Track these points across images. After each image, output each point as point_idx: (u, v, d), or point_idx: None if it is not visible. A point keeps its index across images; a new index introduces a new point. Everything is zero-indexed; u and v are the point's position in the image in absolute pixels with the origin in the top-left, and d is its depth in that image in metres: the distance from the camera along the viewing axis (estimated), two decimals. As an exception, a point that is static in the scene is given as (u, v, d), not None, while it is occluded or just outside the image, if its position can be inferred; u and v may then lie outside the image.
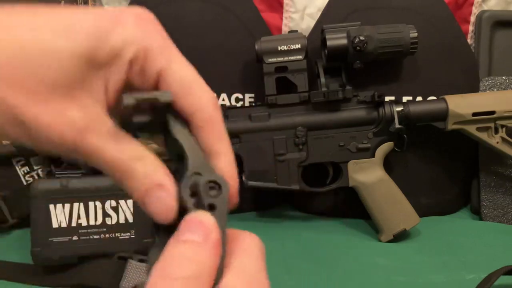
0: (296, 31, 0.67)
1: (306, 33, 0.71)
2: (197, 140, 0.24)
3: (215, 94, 0.24)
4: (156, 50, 0.23)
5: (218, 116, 0.24)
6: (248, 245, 0.23)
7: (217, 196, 0.21)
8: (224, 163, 0.24)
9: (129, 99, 0.21)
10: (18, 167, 0.69)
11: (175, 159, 0.24)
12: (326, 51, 0.65)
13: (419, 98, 0.72)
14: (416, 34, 0.65)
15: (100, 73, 0.23)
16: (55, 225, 0.56)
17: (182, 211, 0.22)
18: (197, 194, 0.22)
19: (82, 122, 0.22)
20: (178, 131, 0.23)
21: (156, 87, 0.24)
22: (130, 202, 0.57)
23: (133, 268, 0.53)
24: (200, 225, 0.21)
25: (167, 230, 0.22)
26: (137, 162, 0.22)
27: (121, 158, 0.22)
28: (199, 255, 0.20)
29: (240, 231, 0.23)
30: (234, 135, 0.65)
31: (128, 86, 0.24)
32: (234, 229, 0.23)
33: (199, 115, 0.24)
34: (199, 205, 0.21)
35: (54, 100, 0.21)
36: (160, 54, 0.23)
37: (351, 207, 0.72)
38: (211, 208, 0.21)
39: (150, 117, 0.22)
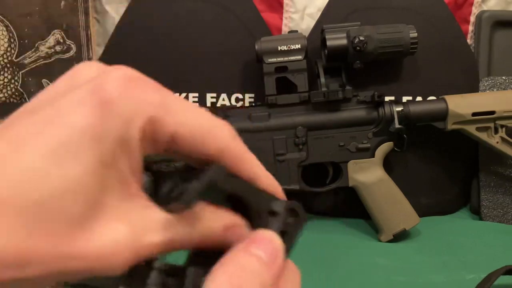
0: (296, 31, 0.67)
1: (306, 33, 0.71)
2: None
3: (229, 125, 0.23)
4: (160, 113, 0.20)
5: (242, 146, 0.23)
6: (294, 280, 0.23)
7: (292, 225, 0.22)
8: (267, 184, 0.25)
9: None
10: (18, 167, 0.69)
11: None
12: (326, 51, 0.65)
13: (419, 98, 0.72)
14: (416, 34, 0.65)
15: (121, 166, 0.19)
16: (55, 225, 0.56)
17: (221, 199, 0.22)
18: (274, 213, 0.22)
19: (131, 236, 0.19)
20: (232, 186, 0.22)
21: (168, 148, 0.22)
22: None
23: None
24: (270, 245, 0.21)
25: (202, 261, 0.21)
26: (193, 228, 0.21)
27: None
28: (266, 274, 0.20)
29: (288, 261, 0.24)
30: (234, 135, 0.65)
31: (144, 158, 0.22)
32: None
33: (226, 154, 0.22)
34: (272, 224, 0.22)
35: (91, 226, 0.18)
36: (165, 115, 0.20)
37: (351, 207, 0.72)
38: (282, 234, 0.22)
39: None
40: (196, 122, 0.21)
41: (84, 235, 0.18)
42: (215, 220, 0.21)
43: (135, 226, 0.19)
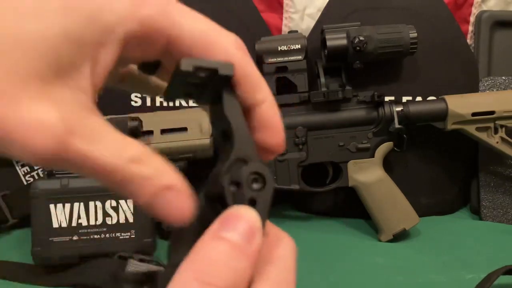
0: (296, 31, 0.67)
1: (306, 33, 0.71)
2: (248, 124, 0.21)
3: (236, 36, 0.21)
4: (155, 16, 0.19)
5: (247, 59, 0.21)
6: (285, 252, 0.20)
7: (260, 190, 0.19)
8: (266, 111, 0.22)
9: (187, 65, 0.19)
10: (18, 167, 0.69)
11: (218, 135, 0.22)
12: (326, 51, 0.65)
13: (419, 98, 0.72)
14: (416, 34, 0.65)
15: (86, 56, 0.18)
16: (55, 225, 0.56)
17: (212, 203, 0.20)
18: (238, 184, 0.19)
19: (61, 125, 0.17)
20: (230, 108, 0.20)
21: (164, 53, 0.21)
22: (130, 202, 0.57)
23: (133, 268, 0.53)
24: (245, 224, 0.18)
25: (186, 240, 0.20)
26: (137, 165, 0.18)
27: (115, 163, 0.18)
28: (239, 261, 0.18)
29: (277, 229, 0.21)
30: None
31: (123, 61, 0.21)
32: (271, 224, 0.20)
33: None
34: (237, 197, 0.19)
35: (21, 99, 0.16)
36: (161, 17, 0.19)
37: (351, 207, 0.72)
38: (251, 203, 0.19)
39: (204, 82, 0.20)
40: (198, 27, 0.20)
41: (16, 99, 0.16)
42: (125, 146, 0.19)
43: (71, 124, 0.17)
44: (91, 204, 0.57)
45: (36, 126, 0.16)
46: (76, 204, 0.56)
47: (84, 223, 0.56)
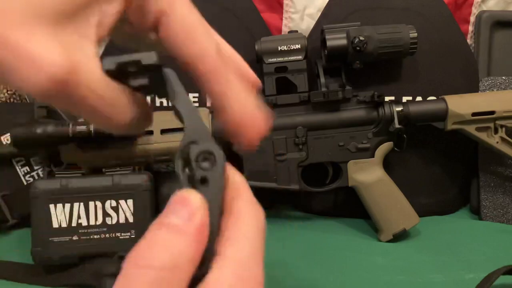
0: (296, 31, 0.67)
1: (306, 33, 0.71)
2: (194, 104, 0.21)
3: (219, 41, 0.22)
4: None
5: (222, 63, 0.22)
6: (248, 226, 0.20)
7: (210, 169, 0.19)
8: (239, 105, 0.22)
9: (109, 64, 0.19)
10: (18, 167, 0.69)
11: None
12: (326, 51, 0.65)
13: (418, 98, 0.72)
14: (415, 34, 0.65)
15: (96, 5, 0.19)
16: (55, 225, 0.56)
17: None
18: (190, 166, 0.19)
19: (67, 64, 0.18)
20: (174, 94, 0.21)
21: (155, 28, 0.21)
22: (130, 202, 0.57)
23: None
24: (184, 205, 0.19)
25: None
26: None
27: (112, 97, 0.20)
28: (177, 241, 0.18)
29: (242, 202, 0.21)
30: (234, 135, 0.65)
31: (124, 21, 0.21)
32: (236, 198, 0.21)
33: (201, 65, 0.21)
34: (191, 179, 0.19)
35: (34, 32, 0.17)
36: None
37: (351, 207, 0.72)
38: (203, 182, 0.19)
39: (149, 78, 0.20)
40: (190, 21, 0.21)
41: (30, 31, 0.17)
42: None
43: (75, 65, 0.18)
44: (91, 204, 0.57)
45: (44, 58, 0.17)
46: (76, 204, 0.56)
47: (84, 223, 0.56)
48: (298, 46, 0.65)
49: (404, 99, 0.72)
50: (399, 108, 0.66)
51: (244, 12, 0.72)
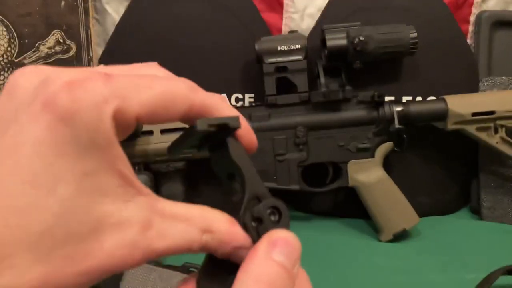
0: (296, 31, 0.67)
1: (306, 33, 0.71)
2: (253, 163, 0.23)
3: (185, 80, 0.23)
4: (119, 104, 0.19)
5: (201, 95, 0.23)
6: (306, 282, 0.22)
7: (278, 222, 0.21)
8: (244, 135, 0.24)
9: (202, 125, 0.21)
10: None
11: (223, 177, 0.24)
12: (326, 51, 0.65)
13: (419, 98, 0.72)
14: (415, 34, 0.65)
15: (107, 167, 0.19)
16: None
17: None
18: (258, 220, 0.21)
19: (137, 235, 0.19)
20: (237, 153, 0.23)
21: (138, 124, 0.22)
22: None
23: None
24: (291, 248, 0.21)
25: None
26: (207, 234, 0.20)
27: (189, 244, 0.20)
28: (289, 281, 0.20)
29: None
30: (234, 135, 0.65)
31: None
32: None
33: (192, 110, 0.22)
34: (260, 231, 0.21)
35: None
36: (123, 103, 0.19)
37: (351, 207, 0.72)
38: None
39: (208, 135, 0.22)
40: (154, 96, 0.20)
41: (94, 246, 0.18)
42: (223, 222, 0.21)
43: (141, 226, 0.19)
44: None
45: (122, 251, 0.18)
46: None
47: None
48: (298, 46, 0.65)
49: (404, 99, 0.72)
50: (399, 108, 0.66)
51: (244, 12, 0.72)
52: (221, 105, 0.23)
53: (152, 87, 0.21)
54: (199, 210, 0.20)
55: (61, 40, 0.70)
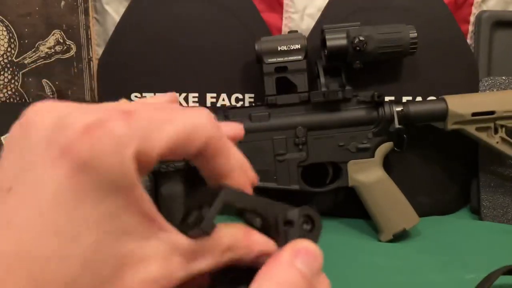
0: (296, 31, 0.67)
1: (306, 33, 0.71)
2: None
3: (205, 111, 0.21)
4: (140, 146, 0.19)
5: (221, 136, 0.22)
6: None
7: (310, 231, 0.22)
8: (239, 178, 0.23)
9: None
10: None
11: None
12: (326, 51, 0.65)
13: (419, 98, 0.72)
14: (415, 34, 0.65)
15: (129, 207, 0.19)
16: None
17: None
18: (289, 223, 0.22)
19: (158, 271, 0.19)
20: (242, 204, 0.22)
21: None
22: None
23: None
24: (313, 257, 0.21)
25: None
26: (229, 253, 0.21)
27: (215, 264, 0.21)
28: None
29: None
30: (234, 135, 0.65)
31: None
32: None
33: (209, 146, 0.21)
34: (289, 235, 0.22)
35: None
36: (145, 143, 0.19)
37: (351, 207, 0.72)
38: None
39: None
40: (176, 131, 0.20)
41: (117, 285, 0.18)
42: (236, 239, 0.21)
43: (162, 261, 0.19)
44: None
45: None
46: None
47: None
48: (298, 46, 0.65)
49: (404, 99, 0.72)
50: (399, 108, 0.66)
51: (244, 12, 0.72)
52: (230, 151, 0.22)
53: (173, 121, 0.20)
54: (215, 234, 0.20)
55: (61, 40, 0.70)
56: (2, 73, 0.70)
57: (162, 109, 0.20)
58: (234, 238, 0.21)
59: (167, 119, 0.20)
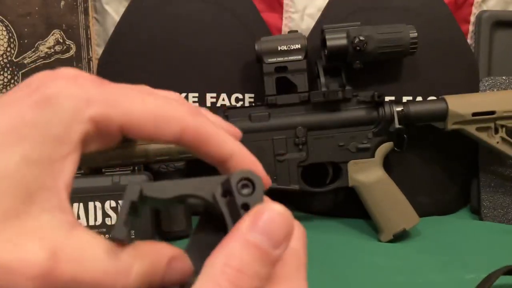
0: (296, 31, 0.67)
1: (306, 33, 0.71)
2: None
3: (190, 105, 0.22)
4: (103, 109, 0.20)
5: (206, 122, 0.22)
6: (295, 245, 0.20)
7: (251, 195, 0.19)
8: (238, 162, 0.23)
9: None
10: (18, 167, 0.69)
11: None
12: (326, 51, 0.65)
13: (419, 98, 0.72)
14: (416, 34, 0.65)
15: (51, 172, 0.19)
16: (55, 225, 0.56)
17: (209, 216, 0.21)
18: (229, 194, 0.20)
19: (43, 256, 0.17)
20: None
21: (125, 137, 0.22)
22: (130, 202, 0.57)
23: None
24: (276, 226, 0.18)
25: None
26: (136, 263, 0.19)
27: (104, 277, 0.18)
28: (261, 270, 0.18)
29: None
30: (234, 135, 0.65)
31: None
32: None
33: (187, 135, 0.21)
34: (231, 207, 0.20)
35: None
36: (108, 109, 0.20)
37: (351, 207, 0.72)
38: (244, 207, 0.19)
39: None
40: (144, 110, 0.20)
41: None
42: (157, 252, 0.20)
43: (54, 252, 0.17)
44: (91, 204, 0.57)
45: (19, 266, 0.17)
46: (75, 205, 0.56)
47: (84, 223, 0.56)
48: (298, 46, 0.65)
49: (404, 99, 0.72)
50: (399, 108, 0.66)
51: (244, 12, 0.72)
52: (218, 137, 0.22)
53: (144, 101, 0.20)
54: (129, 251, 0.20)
55: (61, 40, 0.70)
56: (1, 73, 0.70)
57: (139, 90, 0.21)
58: (150, 265, 0.19)
59: (139, 98, 0.20)
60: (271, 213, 0.18)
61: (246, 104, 0.73)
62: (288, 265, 0.19)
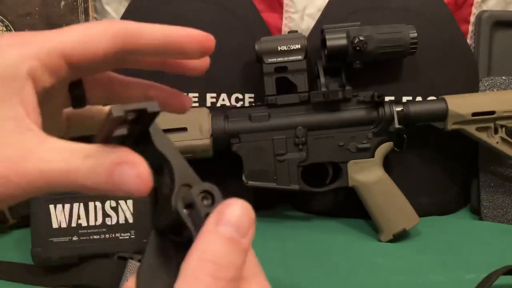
0: (296, 31, 0.67)
1: (306, 33, 0.71)
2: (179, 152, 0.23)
3: (101, 24, 0.25)
4: (45, 46, 0.23)
5: (128, 24, 0.25)
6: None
7: (211, 206, 0.21)
8: (180, 36, 0.27)
9: (118, 111, 0.19)
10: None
11: (153, 171, 0.23)
12: (326, 51, 0.65)
13: (419, 98, 0.72)
14: (416, 34, 0.65)
15: (10, 91, 0.22)
16: (55, 225, 0.56)
17: (176, 225, 0.21)
18: (191, 206, 0.21)
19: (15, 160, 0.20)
20: (161, 142, 0.22)
21: (73, 69, 0.24)
22: (130, 202, 0.57)
23: (133, 268, 0.53)
24: (242, 216, 0.19)
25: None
26: (86, 159, 0.20)
27: (67, 166, 0.20)
28: (236, 259, 0.19)
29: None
30: (234, 135, 0.65)
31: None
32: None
33: (119, 40, 0.24)
34: (194, 217, 0.21)
35: None
36: (48, 44, 0.23)
37: (351, 207, 0.72)
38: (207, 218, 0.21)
39: (128, 129, 0.21)
40: (75, 35, 0.23)
41: None
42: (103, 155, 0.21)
43: (21, 154, 0.20)
44: (91, 204, 0.57)
45: None
46: (75, 205, 0.56)
47: (84, 223, 0.56)
48: (298, 46, 0.65)
49: (404, 99, 0.72)
50: (399, 108, 0.66)
51: (244, 12, 0.72)
52: (146, 29, 0.25)
53: (72, 29, 0.24)
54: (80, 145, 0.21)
55: (61, 40, 0.70)
56: (2, 73, 0.70)
57: (69, 26, 0.24)
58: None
59: (68, 29, 0.24)
60: (233, 206, 0.20)
61: (246, 104, 0.73)
62: (251, 262, 0.21)
